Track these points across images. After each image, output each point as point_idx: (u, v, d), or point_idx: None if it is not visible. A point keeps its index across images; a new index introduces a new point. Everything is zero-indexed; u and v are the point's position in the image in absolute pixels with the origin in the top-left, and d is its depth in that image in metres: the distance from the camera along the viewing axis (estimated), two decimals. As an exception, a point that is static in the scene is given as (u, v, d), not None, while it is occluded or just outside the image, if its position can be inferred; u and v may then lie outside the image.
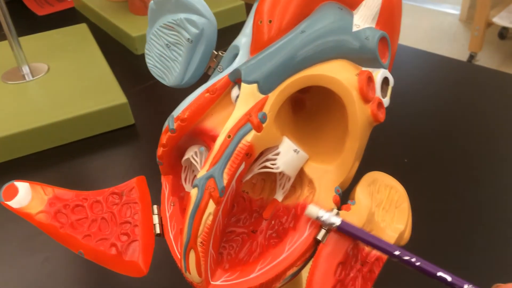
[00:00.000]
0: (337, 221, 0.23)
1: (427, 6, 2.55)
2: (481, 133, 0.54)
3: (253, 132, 0.22)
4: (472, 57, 2.04)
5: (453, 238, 0.42)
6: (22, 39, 0.66)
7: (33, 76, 0.64)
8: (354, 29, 0.24)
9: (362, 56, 0.24)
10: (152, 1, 0.29)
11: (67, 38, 0.75)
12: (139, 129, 0.60)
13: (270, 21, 0.24)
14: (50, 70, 0.65)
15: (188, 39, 0.27)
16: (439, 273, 0.21)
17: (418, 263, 0.22)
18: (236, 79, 0.24)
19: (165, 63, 0.29)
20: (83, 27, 0.78)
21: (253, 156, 0.23)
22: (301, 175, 0.25)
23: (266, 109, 0.23)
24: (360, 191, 0.25)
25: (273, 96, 0.23)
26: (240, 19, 0.83)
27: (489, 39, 2.15)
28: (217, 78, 0.25)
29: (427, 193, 0.46)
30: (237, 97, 0.24)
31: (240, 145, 0.22)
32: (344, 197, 0.25)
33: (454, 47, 2.20)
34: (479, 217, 0.43)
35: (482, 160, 0.50)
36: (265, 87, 0.23)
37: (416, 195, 0.28)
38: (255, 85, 0.23)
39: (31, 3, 0.93)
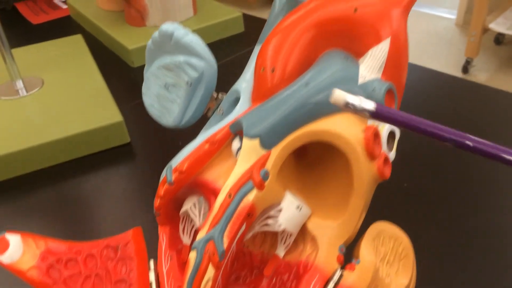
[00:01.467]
0: (370, 105, 0.17)
1: (423, 10, 2.55)
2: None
3: (254, 191, 0.21)
4: (468, 62, 2.03)
5: (456, 265, 0.41)
6: (15, 51, 0.64)
7: (27, 91, 0.62)
8: (360, 80, 0.23)
9: (368, 109, 0.23)
10: (150, 41, 0.28)
11: (62, 50, 0.73)
12: (135, 148, 0.59)
13: (272, 70, 0.23)
14: (45, 84, 0.64)
15: (188, 82, 0.26)
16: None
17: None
18: (237, 131, 0.23)
19: (163, 104, 0.28)
20: (78, 39, 0.76)
21: (254, 216, 0.22)
22: (303, 230, 0.24)
23: (269, 165, 0.22)
24: (365, 247, 0.24)
25: (275, 151, 0.22)
26: (238, 31, 0.82)
27: (485, 44, 2.15)
28: (217, 127, 0.24)
29: (429, 220, 0.45)
30: (238, 149, 0.23)
31: (241, 205, 0.21)
32: (349, 248, 0.24)
33: (450, 52, 2.19)
34: (481, 241, 0.43)
35: (483, 182, 0.50)
36: (268, 142, 0.22)
37: (419, 223, 0.27)
38: (257, 140, 0.22)
39: (26, 11, 0.92)
